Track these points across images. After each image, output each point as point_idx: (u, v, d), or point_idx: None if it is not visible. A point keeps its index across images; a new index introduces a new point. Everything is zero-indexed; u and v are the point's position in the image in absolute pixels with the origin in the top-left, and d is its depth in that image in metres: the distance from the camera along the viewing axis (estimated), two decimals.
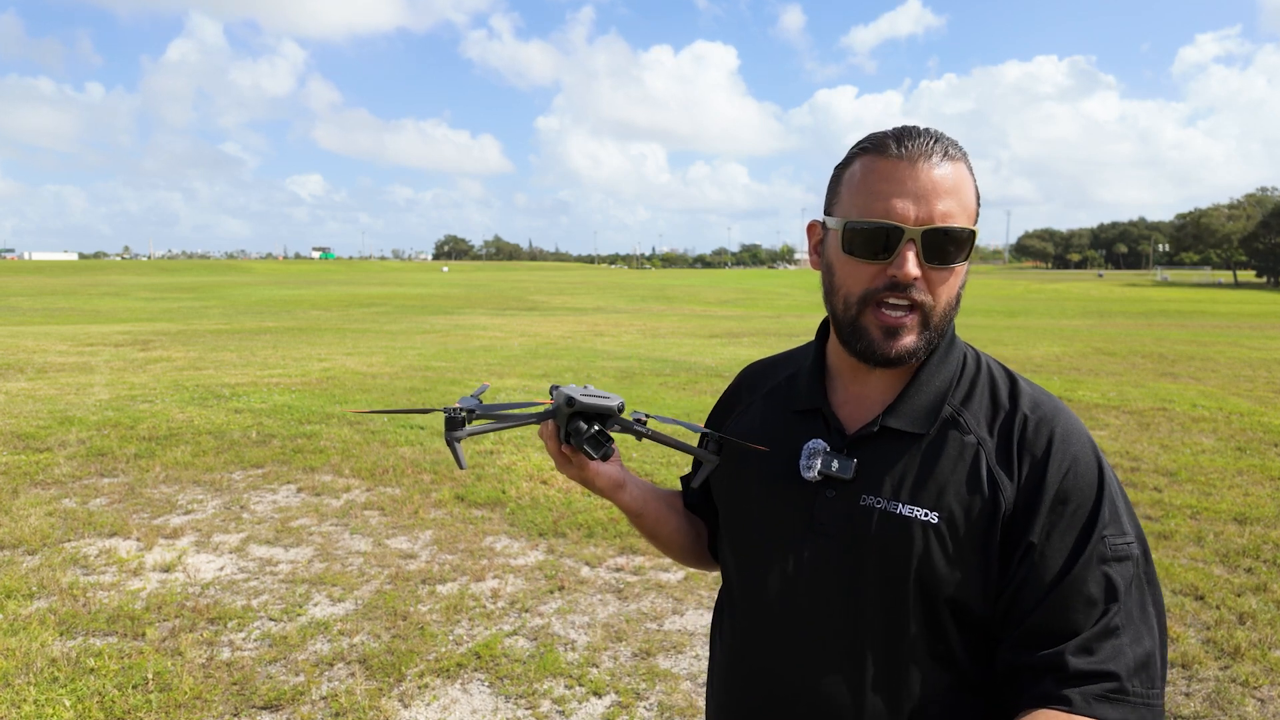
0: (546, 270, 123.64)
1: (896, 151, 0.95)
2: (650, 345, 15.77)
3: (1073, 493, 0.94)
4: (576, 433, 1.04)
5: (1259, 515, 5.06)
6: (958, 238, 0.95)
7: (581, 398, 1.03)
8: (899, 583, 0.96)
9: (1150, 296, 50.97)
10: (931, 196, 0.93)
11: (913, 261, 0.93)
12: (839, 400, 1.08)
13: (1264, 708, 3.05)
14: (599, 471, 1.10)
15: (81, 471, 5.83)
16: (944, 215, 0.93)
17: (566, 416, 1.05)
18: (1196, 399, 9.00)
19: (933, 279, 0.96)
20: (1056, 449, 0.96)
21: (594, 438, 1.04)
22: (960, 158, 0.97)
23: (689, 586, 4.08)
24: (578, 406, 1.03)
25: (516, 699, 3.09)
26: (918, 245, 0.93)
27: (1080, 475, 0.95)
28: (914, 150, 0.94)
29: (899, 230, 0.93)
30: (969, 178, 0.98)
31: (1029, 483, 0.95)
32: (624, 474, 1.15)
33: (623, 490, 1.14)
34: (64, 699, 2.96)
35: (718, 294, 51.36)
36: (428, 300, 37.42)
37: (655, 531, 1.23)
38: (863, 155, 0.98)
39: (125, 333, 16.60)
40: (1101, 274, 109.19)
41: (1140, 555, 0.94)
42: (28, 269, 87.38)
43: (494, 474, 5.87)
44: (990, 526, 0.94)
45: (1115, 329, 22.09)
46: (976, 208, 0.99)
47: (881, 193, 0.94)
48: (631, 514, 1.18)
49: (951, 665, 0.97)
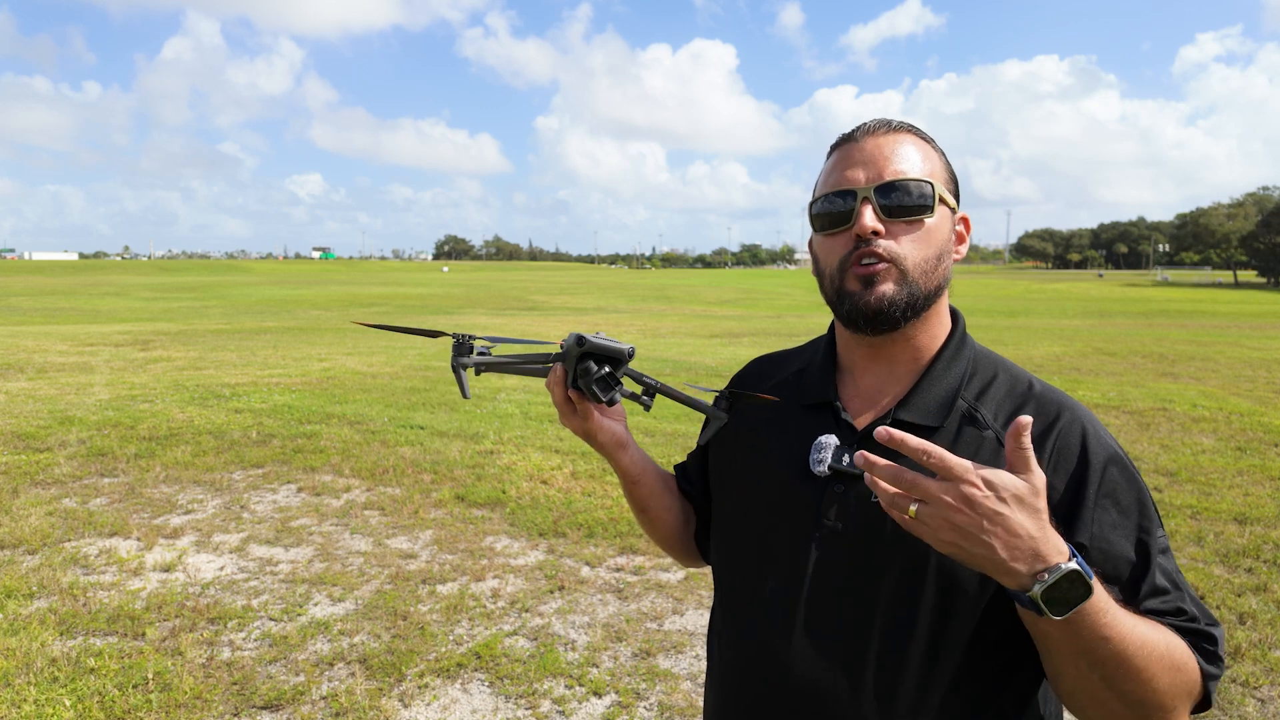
0: (547, 270, 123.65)
1: (849, 136, 1.04)
2: (651, 345, 15.77)
3: (1117, 491, 0.95)
4: (585, 374, 1.01)
5: (1259, 515, 5.06)
6: (913, 189, 0.98)
7: (592, 339, 1.02)
8: (916, 580, 0.95)
9: (1150, 296, 50.97)
10: (880, 160, 0.99)
11: (869, 215, 0.97)
12: (849, 394, 1.08)
13: (1264, 708, 3.05)
14: (602, 425, 1.08)
15: (82, 471, 5.83)
16: (895, 172, 0.98)
17: (576, 358, 1.02)
18: (1197, 399, 9.00)
19: (898, 232, 0.99)
20: (1093, 447, 0.96)
21: (603, 379, 1.01)
22: (914, 132, 1.03)
23: (689, 586, 4.08)
24: (588, 346, 1.01)
25: (516, 699, 3.09)
26: (873, 201, 0.98)
27: (1120, 473, 0.96)
28: (863, 130, 1.03)
29: (851, 192, 0.99)
30: (929, 148, 1.03)
31: (1068, 481, 0.95)
32: (628, 435, 1.13)
33: (624, 451, 1.12)
34: (64, 699, 2.96)
35: (718, 294, 51.37)
36: (428, 300, 37.43)
37: (646, 505, 1.20)
38: (828, 157, 1.06)
39: (125, 332, 16.61)
40: (1101, 274, 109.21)
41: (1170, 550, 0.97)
42: (28, 269, 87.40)
43: (494, 474, 5.88)
44: None
45: (1115, 329, 22.09)
46: (949, 178, 1.04)
47: (837, 170, 1.02)
48: (628, 479, 1.16)
49: (954, 660, 0.96)
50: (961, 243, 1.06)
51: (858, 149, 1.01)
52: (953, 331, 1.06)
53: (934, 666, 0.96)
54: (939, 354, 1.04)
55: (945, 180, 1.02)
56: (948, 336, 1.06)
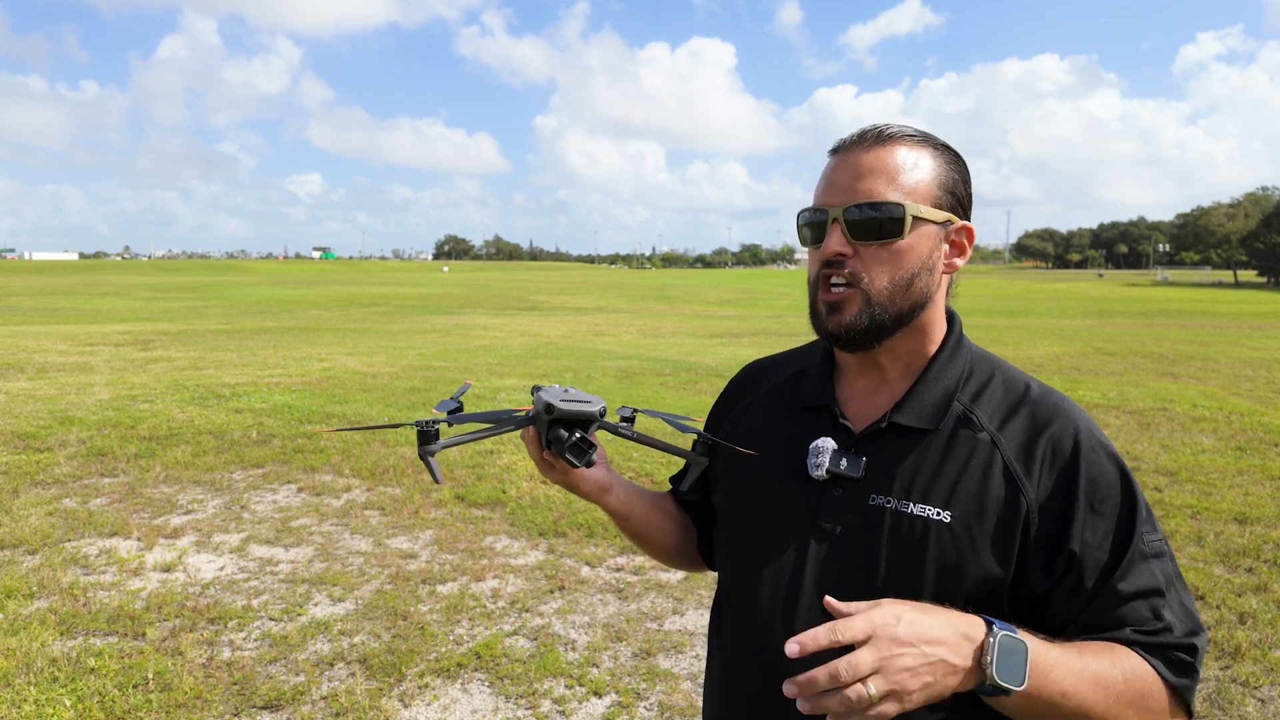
0: (547, 270, 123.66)
1: (838, 148, 1.02)
2: (651, 345, 15.77)
3: (1107, 494, 0.95)
4: (557, 440, 1.00)
5: (1259, 515, 5.06)
6: (881, 213, 0.96)
7: (561, 404, 0.99)
8: (913, 583, 0.95)
9: (1150, 296, 50.96)
10: (855, 180, 0.98)
11: (836, 239, 0.98)
12: (846, 397, 1.08)
13: (1264, 708, 3.05)
14: (584, 477, 1.07)
15: (82, 471, 5.83)
16: (867, 193, 0.97)
17: (546, 424, 1.01)
18: (1197, 399, 9.00)
19: (867, 256, 0.98)
20: (1084, 451, 0.96)
21: (576, 445, 0.99)
22: (911, 140, 0.99)
23: (689, 586, 4.08)
24: (557, 414, 0.99)
25: (517, 699, 3.09)
26: (841, 223, 0.98)
27: (1111, 476, 0.96)
28: (849, 142, 1.01)
29: (823, 212, 1.00)
30: (925, 159, 0.99)
31: (1059, 485, 0.95)
32: (610, 476, 1.12)
33: (609, 494, 1.12)
34: (64, 699, 2.96)
35: (718, 294, 51.37)
36: (428, 300, 37.43)
37: (640, 533, 1.21)
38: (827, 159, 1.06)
39: (126, 332, 16.61)
40: (1102, 274, 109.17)
41: (1169, 553, 0.96)
42: (28, 269, 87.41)
43: (494, 474, 5.88)
44: (1010, 525, 0.94)
45: (1115, 329, 22.08)
46: (943, 191, 1.00)
47: (820, 185, 1.02)
48: (618, 517, 1.16)
49: None
50: (961, 254, 1.03)
51: (841, 164, 1.00)
52: (949, 335, 1.06)
53: None
54: (935, 357, 1.04)
55: (932, 195, 0.99)
56: (943, 340, 1.06)
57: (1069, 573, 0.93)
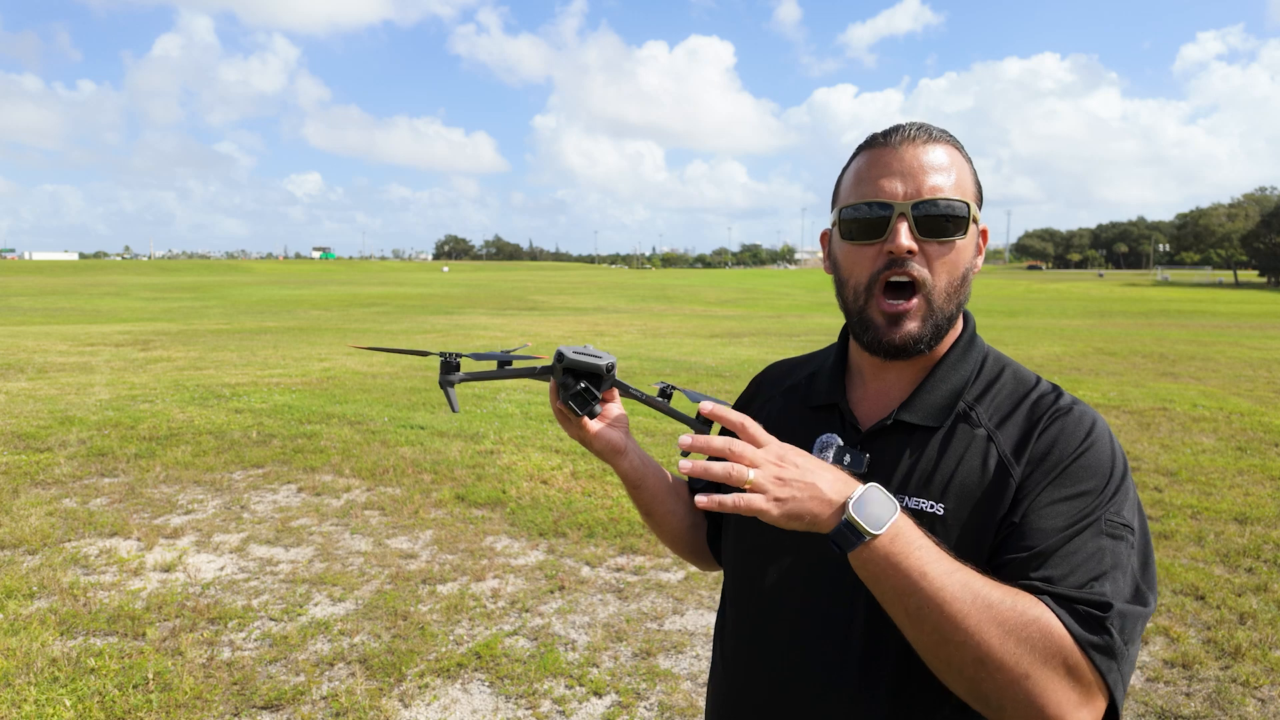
0: (547, 270, 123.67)
1: (884, 141, 0.99)
2: (651, 345, 15.77)
3: (1082, 473, 0.92)
4: (565, 389, 1.06)
5: (1259, 515, 5.06)
6: (950, 210, 0.96)
7: (572, 355, 1.06)
8: None
9: (1150, 296, 50.96)
10: (919, 173, 0.96)
11: (905, 234, 0.95)
12: (857, 397, 1.09)
13: (1264, 708, 3.05)
14: (596, 433, 1.10)
15: (82, 471, 5.83)
16: (933, 189, 0.95)
17: (560, 374, 1.08)
18: (1197, 399, 9.00)
19: (930, 254, 0.97)
20: (1071, 432, 0.94)
21: (579, 394, 1.06)
22: (950, 141, 1.00)
23: (689, 586, 4.08)
24: (566, 363, 1.06)
25: (517, 699, 3.09)
26: (909, 218, 0.95)
27: (1093, 459, 0.93)
28: (900, 137, 0.98)
29: (889, 206, 0.96)
30: (962, 160, 1.00)
31: (1037, 457, 0.94)
32: (626, 440, 1.13)
33: (622, 457, 1.13)
34: (64, 699, 2.96)
35: (718, 294, 51.37)
36: (428, 300, 37.43)
37: (650, 508, 1.21)
38: (857, 155, 1.03)
39: (126, 332, 16.61)
40: (1102, 274, 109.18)
41: (1136, 543, 0.90)
42: (28, 269, 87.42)
43: (494, 474, 5.88)
44: (996, 511, 0.93)
45: (1115, 329, 22.08)
46: (977, 191, 1.01)
47: (871, 178, 0.98)
48: (629, 483, 1.17)
49: None
50: (979, 255, 1.05)
51: (895, 157, 0.97)
52: (961, 333, 1.06)
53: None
54: (945, 356, 1.04)
55: (975, 195, 1.00)
56: (956, 338, 1.06)
57: (1015, 531, 0.90)
